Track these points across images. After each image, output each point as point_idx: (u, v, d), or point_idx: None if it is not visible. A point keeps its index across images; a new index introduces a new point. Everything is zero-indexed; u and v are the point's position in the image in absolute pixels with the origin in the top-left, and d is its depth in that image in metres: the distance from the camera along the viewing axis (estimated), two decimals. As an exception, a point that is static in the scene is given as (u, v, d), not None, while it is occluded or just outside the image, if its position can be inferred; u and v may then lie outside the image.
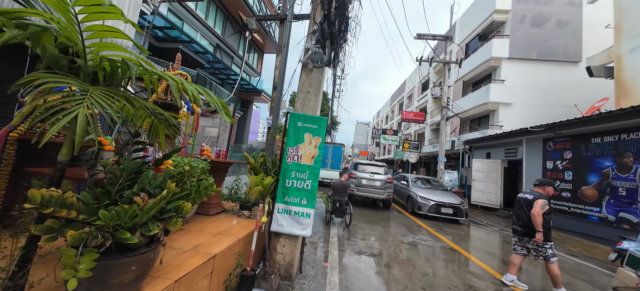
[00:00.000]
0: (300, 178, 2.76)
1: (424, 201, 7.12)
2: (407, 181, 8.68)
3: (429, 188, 8.28)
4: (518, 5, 13.46)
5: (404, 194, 8.40)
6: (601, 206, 6.06)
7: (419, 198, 7.26)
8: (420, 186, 8.30)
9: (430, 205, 6.96)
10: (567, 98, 12.96)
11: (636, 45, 7.75)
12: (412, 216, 7.33)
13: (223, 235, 2.39)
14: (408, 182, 8.56)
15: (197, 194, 1.63)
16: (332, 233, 4.83)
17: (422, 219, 6.99)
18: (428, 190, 7.82)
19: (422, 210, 7.06)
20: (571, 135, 7.07)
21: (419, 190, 7.72)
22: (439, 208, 6.91)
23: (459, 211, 6.90)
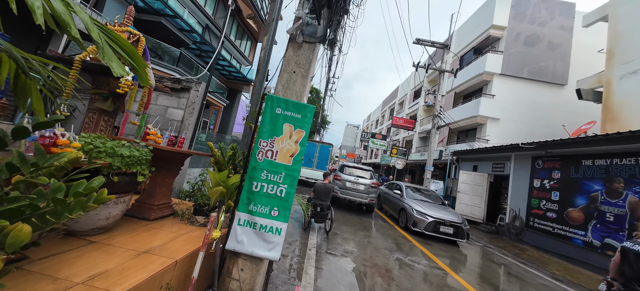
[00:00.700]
0: (273, 181, 2.09)
1: (421, 216, 6.10)
2: (401, 190, 7.61)
3: (425, 201, 7.21)
4: (514, 23, 13.50)
5: (396, 206, 7.35)
6: (587, 229, 5.89)
7: (415, 213, 6.22)
8: (416, 198, 7.22)
9: (427, 222, 5.93)
10: (551, 119, 13.18)
11: (627, 72, 7.76)
12: (404, 232, 6.36)
13: (152, 255, 1.66)
14: (402, 192, 7.51)
15: (56, 211, 0.90)
16: (310, 243, 4.20)
17: (415, 237, 6.01)
18: (425, 204, 6.79)
19: (417, 227, 6.04)
20: (561, 155, 6.91)
21: (415, 203, 6.66)
22: (438, 226, 5.91)
23: (460, 231, 5.94)
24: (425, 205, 6.64)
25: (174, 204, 2.61)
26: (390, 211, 8.16)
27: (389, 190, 8.57)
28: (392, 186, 8.83)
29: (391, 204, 7.97)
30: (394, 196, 7.77)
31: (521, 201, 7.90)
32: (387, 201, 8.46)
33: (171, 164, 2.44)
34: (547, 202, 7.03)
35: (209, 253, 1.82)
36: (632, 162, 5.28)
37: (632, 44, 7.78)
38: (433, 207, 6.62)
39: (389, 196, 8.24)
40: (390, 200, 8.05)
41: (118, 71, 0.80)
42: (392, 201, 7.89)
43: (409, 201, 6.82)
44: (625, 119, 7.58)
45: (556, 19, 13.41)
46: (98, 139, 1.80)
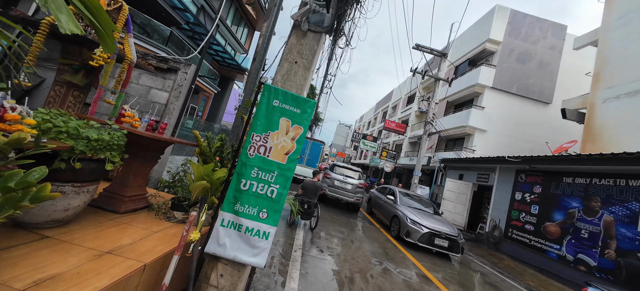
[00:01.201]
0: (264, 179, 1.90)
1: (416, 226, 5.65)
2: (395, 196, 7.07)
3: (421, 209, 6.71)
4: (509, 38, 13.84)
5: (389, 212, 6.84)
6: (562, 244, 6.14)
7: (409, 222, 5.77)
8: (410, 206, 6.67)
9: (422, 233, 5.52)
10: (534, 134, 13.73)
11: (610, 96, 8.13)
12: (396, 241, 5.90)
13: (117, 256, 1.44)
14: (395, 198, 6.96)
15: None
16: (295, 244, 4.05)
17: (407, 248, 5.60)
18: (420, 213, 6.29)
19: (410, 237, 5.62)
20: (544, 171, 7.15)
21: (410, 212, 6.16)
22: (433, 238, 5.51)
23: (455, 245, 5.55)
24: (420, 214, 6.15)
25: (149, 196, 2.35)
26: (381, 217, 7.59)
27: (381, 195, 8.06)
28: (384, 190, 8.22)
29: (383, 210, 7.40)
30: (387, 201, 7.27)
31: (502, 212, 8.15)
32: (378, 206, 7.90)
33: (149, 152, 2.18)
34: (527, 215, 7.28)
35: (186, 258, 1.62)
36: (610, 183, 5.52)
37: (618, 70, 8.13)
38: (428, 217, 6.13)
39: (381, 201, 7.71)
40: (382, 205, 7.51)
41: (67, 26, 0.59)
42: (384, 206, 7.36)
43: (402, 209, 6.35)
44: (605, 141, 7.95)
45: (548, 39, 13.88)
46: (61, 116, 1.52)
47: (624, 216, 5.14)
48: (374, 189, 9.31)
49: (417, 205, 6.93)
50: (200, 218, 1.62)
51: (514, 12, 13.81)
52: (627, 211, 5.11)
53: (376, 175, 25.36)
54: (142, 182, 2.17)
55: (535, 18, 13.92)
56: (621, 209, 5.22)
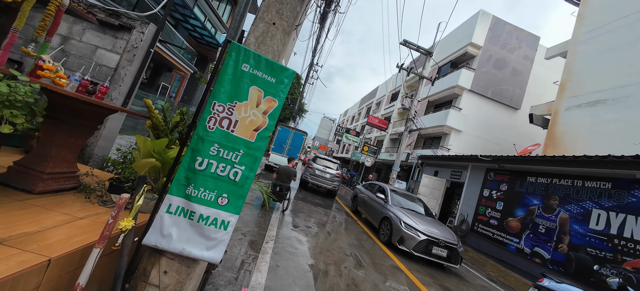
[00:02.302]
0: (226, 159, 1.59)
1: (411, 233, 4.83)
2: (386, 195, 6.21)
3: (414, 211, 5.87)
4: (489, 44, 14.43)
5: (377, 212, 6.00)
6: (521, 238, 6.60)
7: (404, 227, 4.95)
8: (403, 207, 5.79)
9: (418, 241, 4.70)
10: (502, 137, 14.68)
11: (573, 105, 8.79)
12: (385, 248, 5.07)
13: (10, 247, 1.06)
14: (387, 197, 6.10)
15: None
16: (268, 234, 3.79)
17: (398, 256, 4.79)
18: (415, 216, 5.42)
19: (404, 245, 4.79)
20: (511, 170, 7.59)
21: (404, 214, 5.29)
22: (431, 246, 4.71)
23: (455, 254, 4.83)
24: (415, 217, 5.28)
25: (82, 175, 1.91)
26: (368, 217, 6.63)
27: (369, 192, 7.17)
28: (372, 187, 7.31)
29: (371, 209, 6.49)
30: (376, 201, 6.39)
31: (470, 208, 8.60)
32: (365, 205, 7.00)
33: (81, 120, 1.74)
34: (492, 210, 7.74)
35: (113, 250, 1.27)
36: (568, 183, 5.98)
37: (582, 81, 8.78)
38: (424, 220, 5.31)
39: (368, 200, 6.84)
40: (370, 205, 6.62)
41: None
42: (372, 206, 6.49)
43: (395, 210, 5.49)
44: (564, 146, 8.63)
45: (522, 48, 14.72)
46: None
47: (578, 214, 5.60)
48: (361, 186, 8.32)
49: (411, 205, 6.11)
50: (137, 202, 1.27)
51: (495, 19, 14.37)
52: (581, 210, 5.57)
53: (357, 169, 25.73)
54: (70, 157, 1.73)
55: (513, 27, 14.63)
56: (576, 207, 5.68)
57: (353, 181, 18.13)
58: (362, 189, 8.00)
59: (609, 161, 5.04)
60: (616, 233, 4.92)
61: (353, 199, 8.30)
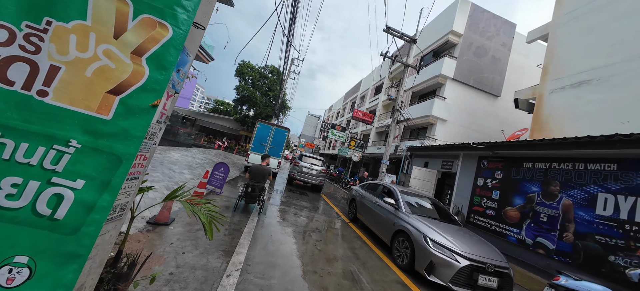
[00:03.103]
0: (26, 164, 0.56)
1: (445, 256, 3.32)
2: (396, 199, 4.74)
3: (440, 221, 4.43)
4: (469, 32, 14.19)
5: (388, 224, 4.50)
6: (521, 228, 6.10)
7: (432, 247, 3.46)
8: (424, 217, 4.29)
9: (459, 268, 3.18)
10: (484, 125, 14.61)
11: (557, 87, 8.54)
12: (404, 275, 3.59)
13: None
14: (398, 202, 4.63)
15: None
16: (234, 260, 2.75)
17: None
18: (442, 227, 3.92)
19: (437, 275, 3.30)
20: (505, 157, 7.11)
21: (428, 227, 3.79)
22: (475, 275, 3.20)
23: (508, 282, 3.42)
24: (443, 229, 3.79)
25: None
26: (374, 229, 5.12)
27: (371, 195, 5.77)
28: (375, 189, 5.95)
29: (377, 219, 5.03)
30: (384, 207, 4.89)
31: (464, 198, 8.08)
32: (367, 213, 5.57)
33: None
34: (488, 200, 7.24)
35: None
36: (569, 167, 5.51)
37: (564, 62, 8.55)
38: (457, 235, 3.78)
39: (372, 206, 5.40)
40: (375, 213, 5.17)
41: None
42: (377, 214, 5.05)
43: (413, 221, 3.98)
44: (550, 129, 8.37)
45: (500, 36, 14.68)
46: None
47: (583, 200, 5.13)
48: (358, 187, 6.85)
49: (431, 211, 4.70)
50: None
51: (474, 6, 14.15)
52: (586, 195, 5.10)
53: (344, 165, 25.05)
54: None
55: (490, 14, 14.53)
56: (580, 192, 5.21)
57: (341, 177, 17.35)
58: (361, 191, 6.42)
59: (616, 140, 4.57)
60: (627, 218, 4.46)
61: (350, 203, 6.76)
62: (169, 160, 7.42)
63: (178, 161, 7.83)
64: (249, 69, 24.21)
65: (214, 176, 5.84)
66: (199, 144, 17.79)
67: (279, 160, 10.32)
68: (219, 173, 5.85)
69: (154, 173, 5.45)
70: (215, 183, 5.82)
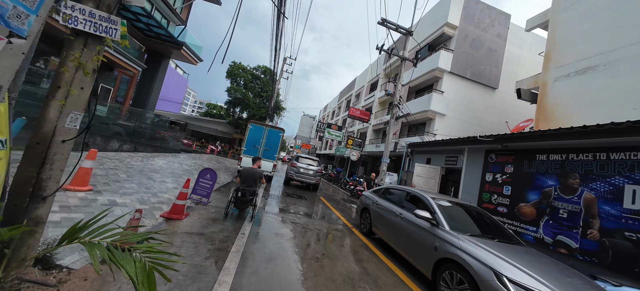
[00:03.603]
0: None
1: None
2: (433, 212, 3.52)
3: (499, 240, 3.25)
4: (464, 24, 13.81)
5: (426, 247, 3.29)
6: (538, 226, 5.61)
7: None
8: (479, 237, 3.15)
9: None
10: (482, 118, 14.26)
11: (561, 75, 8.15)
12: None
13: None
14: (437, 218, 3.41)
15: None
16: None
17: None
18: (519, 257, 2.69)
19: None
20: (516, 149, 6.63)
21: (500, 259, 2.55)
22: None
23: None
24: (518, 258, 2.66)
25: None
26: (400, 250, 3.89)
27: (391, 204, 4.58)
28: (395, 195, 4.79)
29: (404, 237, 3.84)
30: (414, 222, 3.68)
31: (472, 195, 7.59)
32: (387, 226, 4.40)
33: None
34: (499, 196, 6.75)
35: None
36: (589, 157, 5.04)
37: (567, 49, 8.16)
38: (538, 265, 2.67)
39: (395, 219, 4.18)
40: (401, 228, 3.95)
41: None
42: (405, 231, 3.83)
43: (470, 248, 2.77)
44: (556, 118, 7.96)
45: (495, 27, 14.36)
46: None
47: (607, 193, 4.65)
48: (370, 193, 5.67)
49: (475, 224, 3.61)
50: None
51: (468, -4, 13.78)
52: (610, 187, 4.62)
53: (342, 164, 24.48)
54: None
55: (485, 5, 14.19)
56: (603, 185, 4.73)
57: (340, 177, 16.74)
58: (375, 199, 5.21)
59: (646, 125, 4.10)
60: (661, 211, 3.99)
61: (361, 213, 5.61)
62: (151, 168, 6.65)
63: (162, 168, 7.06)
64: (240, 70, 23.37)
65: (200, 184, 5.13)
66: (191, 150, 16.90)
67: (274, 163, 9.62)
68: (205, 181, 5.14)
69: (127, 184, 4.71)
70: (201, 192, 5.11)
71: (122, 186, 4.53)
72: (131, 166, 6.23)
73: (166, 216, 3.82)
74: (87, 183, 3.87)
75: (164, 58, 14.30)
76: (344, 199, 10.91)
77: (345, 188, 14.51)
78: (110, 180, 4.66)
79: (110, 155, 6.81)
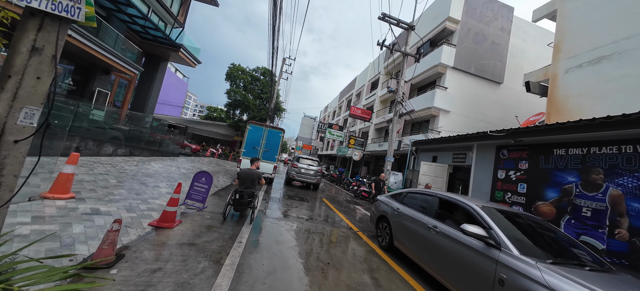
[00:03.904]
0: None
1: None
2: (489, 227, 2.58)
3: (589, 269, 2.27)
4: (466, 18, 13.43)
5: (483, 278, 2.38)
6: (559, 226, 5.19)
7: None
8: (577, 272, 2.06)
9: None
10: (487, 114, 13.82)
11: (572, 65, 7.75)
12: None
13: None
14: (496, 235, 2.46)
15: None
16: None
17: None
18: None
19: None
20: (530, 144, 6.22)
21: None
22: None
23: None
24: None
25: None
26: (438, 276, 3.00)
27: (419, 213, 3.67)
28: (422, 201, 3.86)
29: (442, 259, 2.97)
30: (457, 239, 2.81)
31: (483, 194, 7.17)
32: (415, 241, 3.51)
33: None
34: (513, 195, 6.33)
35: None
36: (614, 151, 4.63)
37: (578, 39, 7.76)
38: None
39: (426, 233, 3.32)
40: (437, 247, 3.08)
41: None
42: (445, 249, 2.94)
43: (561, 285, 1.86)
44: (569, 111, 7.55)
45: (498, 20, 13.96)
46: None
47: (636, 189, 4.24)
48: (388, 198, 4.72)
49: (563, 249, 2.63)
50: None
51: (470, -10, 13.41)
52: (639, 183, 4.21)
53: (344, 164, 24.10)
54: None
55: (488, -2, 13.80)
56: (631, 180, 4.32)
57: (343, 178, 16.34)
58: (396, 206, 4.22)
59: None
60: (702, 208, 3.57)
61: (378, 223, 4.65)
62: (145, 172, 6.31)
63: (157, 172, 6.72)
64: (239, 72, 23.11)
65: (194, 188, 4.78)
66: (190, 153, 16.59)
67: (275, 164, 9.26)
68: (200, 185, 4.79)
69: (116, 190, 4.36)
70: (196, 197, 4.75)
71: (109, 192, 4.18)
72: (124, 170, 5.89)
73: (155, 225, 3.46)
74: (68, 190, 3.52)
75: (162, 61, 14.04)
76: (348, 200, 10.52)
77: (349, 188, 14.12)
78: (97, 186, 4.31)
79: (104, 160, 6.49)
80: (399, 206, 4.20)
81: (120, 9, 10.18)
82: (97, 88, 10.83)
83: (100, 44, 8.82)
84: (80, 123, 6.45)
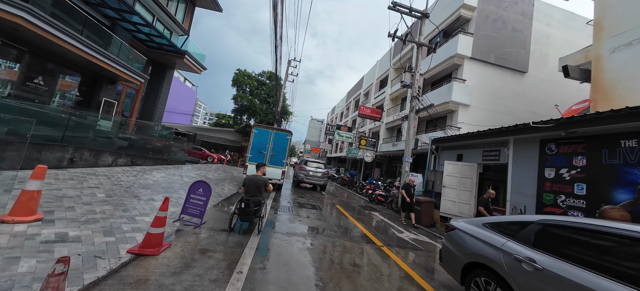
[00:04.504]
0: None
1: None
2: None
3: None
4: (483, 4, 12.30)
5: None
6: (638, 235, 4.03)
7: None
8: None
9: None
10: (513, 107, 12.51)
11: (620, 44, 6.52)
12: None
13: None
14: None
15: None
16: None
17: None
18: None
19: None
20: (586, 136, 5.11)
21: None
22: None
23: None
24: None
25: None
26: None
27: (492, 234, 2.45)
28: (566, 243, 1.92)
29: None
30: None
31: (527, 197, 6.06)
32: None
33: None
34: (569, 197, 5.21)
35: None
36: None
37: (623, 13, 6.55)
38: None
39: None
40: None
41: None
42: None
43: None
44: (620, 96, 6.31)
45: (518, 4, 12.73)
46: None
47: None
48: (487, 232, 2.54)
49: None
50: None
51: (486, -26, 12.29)
52: None
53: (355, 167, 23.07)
54: None
55: (505, -18, 12.62)
56: None
57: (355, 181, 15.35)
58: (524, 253, 2.08)
59: None
60: None
61: (463, 275, 2.61)
62: (142, 184, 5.68)
63: (156, 183, 6.10)
64: (245, 77, 22.79)
65: (190, 201, 4.05)
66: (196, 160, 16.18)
67: (283, 169, 8.50)
68: (197, 197, 4.05)
69: (100, 207, 3.69)
70: (193, 212, 4.02)
71: (91, 209, 3.51)
72: (118, 182, 5.28)
73: (136, 252, 2.72)
74: (34, 210, 2.86)
75: (168, 69, 13.75)
76: (361, 204, 9.57)
77: (362, 192, 13.13)
78: (79, 203, 3.66)
79: (100, 171, 5.94)
80: (530, 255, 2.05)
81: (124, 17, 9.88)
82: (103, 98, 10.54)
83: (106, 54, 8.48)
84: (72, 133, 5.93)
